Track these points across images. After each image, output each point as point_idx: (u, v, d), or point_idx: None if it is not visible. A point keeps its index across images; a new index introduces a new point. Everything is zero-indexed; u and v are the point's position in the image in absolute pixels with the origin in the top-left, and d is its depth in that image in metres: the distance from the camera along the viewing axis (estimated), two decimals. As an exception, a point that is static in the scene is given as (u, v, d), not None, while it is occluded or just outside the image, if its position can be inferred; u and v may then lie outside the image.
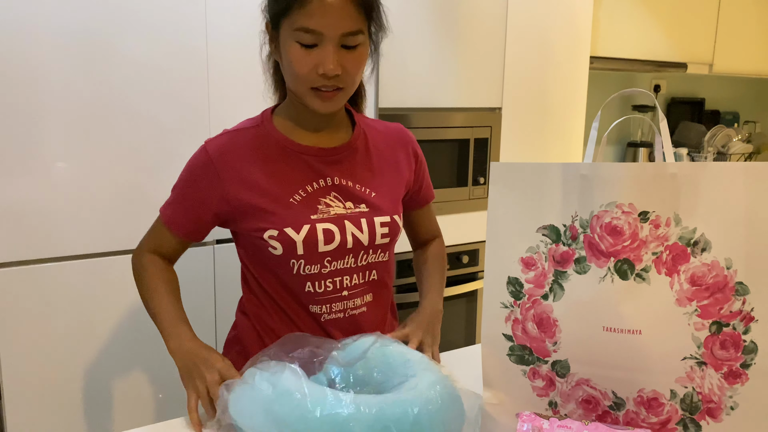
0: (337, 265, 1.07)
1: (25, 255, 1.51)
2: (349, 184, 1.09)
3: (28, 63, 1.45)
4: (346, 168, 1.09)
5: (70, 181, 1.53)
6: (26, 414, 1.55)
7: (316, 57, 0.97)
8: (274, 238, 1.03)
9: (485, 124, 2.20)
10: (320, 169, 1.07)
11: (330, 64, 0.96)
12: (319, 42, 0.96)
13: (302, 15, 0.95)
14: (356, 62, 1.00)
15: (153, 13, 1.56)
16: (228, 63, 1.67)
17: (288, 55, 0.98)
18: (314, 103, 1.02)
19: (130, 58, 1.55)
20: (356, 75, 1.02)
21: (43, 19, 1.45)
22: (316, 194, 1.06)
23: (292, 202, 1.05)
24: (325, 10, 0.94)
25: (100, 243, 1.58)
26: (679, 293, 0.81)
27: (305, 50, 0.97)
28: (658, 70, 2.96)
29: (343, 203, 1.08)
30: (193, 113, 1.65)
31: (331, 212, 1.06)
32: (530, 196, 0.87)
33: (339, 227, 1.06)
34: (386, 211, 1.11)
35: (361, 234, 1.08)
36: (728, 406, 0.82)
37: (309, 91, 1.00)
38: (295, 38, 0.96)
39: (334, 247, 1.06)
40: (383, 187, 1.13)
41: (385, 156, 1.15)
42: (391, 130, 1.19)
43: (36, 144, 1.48)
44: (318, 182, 1.07)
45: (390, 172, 1.15)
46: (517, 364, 0.90)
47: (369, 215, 1.09)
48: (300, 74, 0.98)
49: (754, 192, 0.79)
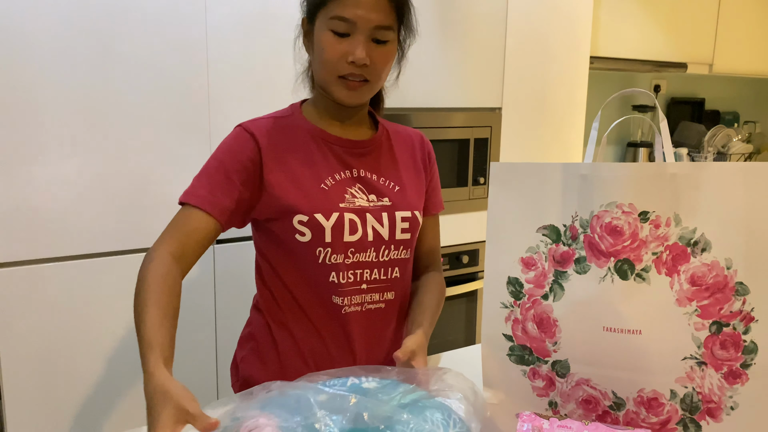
0: (359, 257, 1.09)
1: (25, 255, 1.51)
2: (373, 178, 1.12)
3: (27, 63, 1.45)
4: (371, 161, 1.13)
5: (70, 181, 1.52)
6: (26, 414, 1.55)
7: (346, 46, 1.01)
8: (303, 224, 1.05)
9: (485, 124, 2.20)
10: (347, 160, 1.11)
11: (360, 52, 1.00)
12: (351, 32, 1.01)
13: (338, 5, 1.00)
14: (384, 57, 1.05)
15: (153, 12, 1.56)
16: (228, 62, 1.67)
17: (320, 43, 1.03)
18: (340, 93, 1.05)
19: (129, 57, 1.55)
20: (383, 70, 1.06)
21: (43, 19, 1.45)
22: (343, 183, 1.09)
23: (323, 188, 1.07)
24: (360, 2, 1.00)
25: (100, 243, 1.58)
26: (679, 293, 0.81)
27: (337, 39, 1.01)
28: (658, 70, 2.96)
29: (366, 195, 1.10)
30: (193, 113, 1.65)
31: (356, 203, 1.09)
32: (530, 196, 0.87)
33: (361, 219, 1.08)
34: (408, 206, 1.13)
35: (382, 228, 1.10)
36: (728, 406, 0.82)
37: (336, 80, 1.04)
38: (329, 26, 1.01)
39: (357, 239, 1.08)
40: (406, 182, 1.16)
41: (406, 157, 1.19)
42: (411, 135, 1.22)
43: (36, 144, 1.48)
44: (344, 172, 1.10)
45: (412, 171, 1.19)
46: (517, 364, 0.90)
47: (390, 209, 1.11)
48: (329, 61, 1.02)
49: (754, 192, 0.79)
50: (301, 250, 1.07)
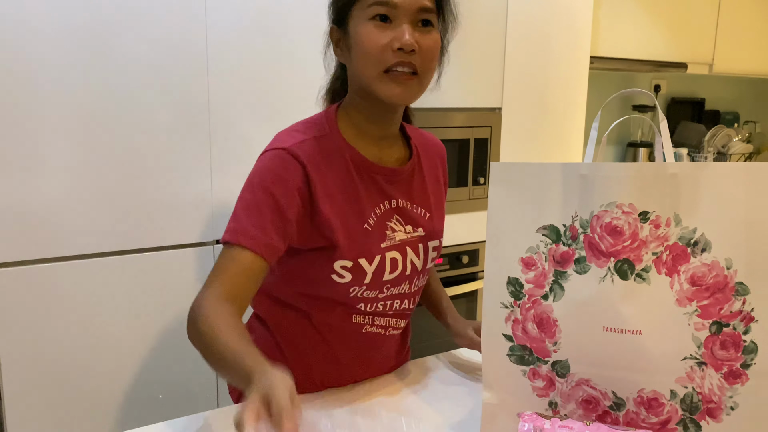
0: (394, 291, 1.06)
1: (25, 255, 1.51)
2: (407, 206, 1.06)
3: (27, 63, 1.45)
4: (406, 189, 1.06)
5: (70, 181, 1.52)
6: (26, 414, 1.55)
7: (391, 33, 0.93)
8: (345, 269, 0.98)
9: (485, 124, 2.20)
10: (387, 190, 1.03)
11: (407, 36, 0.92)
12: (393, 17, 0.92)
13: None
14: (431, 46, 0.96)
15: (153, 12, 1.56)
16: (228, 63, 1.67)
17: (359, 36, 0.94)
18: (387, 89, 0.95)
19: (129, 57, 1.55)
20: (431, 60, 0.97)
21: (43, 19, 1.45)
22: (383, 218, 1.03)
23: (366, 228, 1.00)
24: None
25: (99, 243, 1.58)
26: (679, 293, 0.81)
27: (379, 28, 0.93)
28: (658, 70, 2.96)
29: (404, 227, 1.05)
30: (193, 113, 1.65)
31: (396, 238, 1.03)
32: (530, 196, 0.87)
33: (402, 254, 1.04)
34: (437, 234, 1.11)
35: (418, 260, 1.07)
36: (728, 406, 0.82)
37: (381, 76, 0.94)
38: (369, 15, 0.93)
39: (396, 276, 1.04)
40: (435, 207, 1.11)
41: (432, 171, 1.13)
42: (431, 144, 1.16)
43: (35, 144, 1.48)
44: (384, 204, 1.03)
45: (437, 189, 1.13)
46: (517, 365, 0.90)
47: (424, 240, 1.08)
48: (373, 54, 0.93)
49: (754, 192, 0.79)
50: (332, 286, 1.00)
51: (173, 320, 1.70)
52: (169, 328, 1.70)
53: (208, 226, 1.71)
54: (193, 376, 1.75)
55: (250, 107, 1.71)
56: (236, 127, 1.71)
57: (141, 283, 1.64)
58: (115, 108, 1.55)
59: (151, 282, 1.66)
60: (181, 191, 1.66)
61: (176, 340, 1.71)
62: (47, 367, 1.56)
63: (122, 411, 1.67)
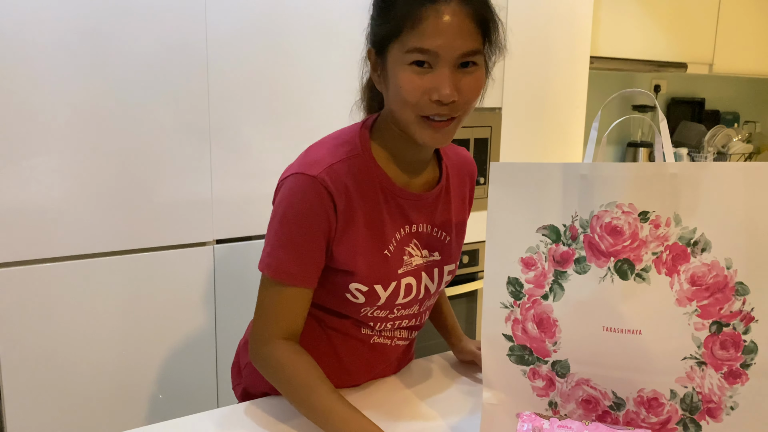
0: (404, 312, 1.07)
1: (25, 255, 1.51)
2: (427, 230, 1.04)
3: (27, 63, 1.45)
4: (429, 213, 1.04)
5: (70, 181, 1.52)
6: (26, 414, 1.55)
7: (429, 81, 0.88)
8: (360, 292, 0.99)
9: (485, 124, 2.20)
10: (409, 215, 1.02)
11: (446, 88, 0.87)
12: (433, 64, 0.87)
13: (415, 35, 0.86)
14: (473, 87, 0.91)
15: (153, 12, 1.56)
16: (228, 62, 1.67)
17: (396, 80, 0.89)
18: (423, 135, 0.91)
19: (129, 58, 1.55)
20: (473, 102, 0.92)
21: (42, 19, 1.45)
22: (402, 243, 1.01)
23: (386, 255, 0.99)
24: (441, 29, 0.85)
25: (100, 243, 1.58)
26: (679, 293, 0.81)
27: (417, 74, 0.88)
28: (658, 70, 2.96)
29: (420, 251, 1.04)
30: (193, 113, 1.65)
31: (413, 263, 1.02)
32: (530, 196, 0.87)
33: (417, 279, 1.04)
34: (454, 258, 1.10)
35: (432, 284, 1.07)
36: (728, 406, 0.82)
37: (419, 120, 0.90)
38: (407, 60, 0.87)
39: (409, 299, 1.04)
40: (457, 230, 1.10)
41: (458, 190, 1.11)
42: (462, 161, 1.13)
43: (35, 144, 1.48)
44: (405, 228, 1.02)
45: (462, 209, 1.11)
46: (517, 364, 0.90)
47: (440, 264, 1.07)
48: (410, 101, 0.88)
49: (754, 192, 0.79)
50: (346, 303, 1.02)
51: (173, 320, 1.70)
52: (169, 328, 1.70)
53: (208, 226, 1.71)
54: (193, 376, 1.75)
55: (250, 107, 1.71)
56: (236, 127, 1.71)
57: (141, 283, 1.64)
58: (115, 108, 1.55)
59: (151, 282, 1.66)
60: (181, 191, 1.66)
61: (176, 340, 1.71)
62: (47, 367, 1.56)
63: (122, 411, 1.67)
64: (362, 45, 0.99)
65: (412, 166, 1.01)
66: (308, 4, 1.75)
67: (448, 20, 0.85)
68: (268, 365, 0.97)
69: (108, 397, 1.64)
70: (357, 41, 1.03)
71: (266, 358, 0.97)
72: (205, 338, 1.75)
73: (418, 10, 0.85)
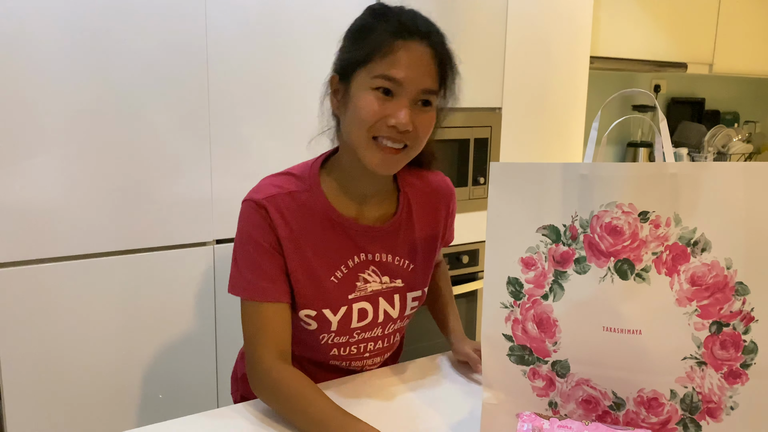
0: (365, 335, 1.10)
1: (25, 255, 1.51)
2: (388, 259, 1.08)
3: (26, 63, 1.45)
4: (388, 243, 1.07)
5: (69, 181, 1.52)
6: (26, 414, 1.55)
7: (389, 108, 0.94)
8: (310, 317, 1.04)
9: (485, 124, 2.20)
10: (363, 244, 1.05)
11: (405, 117, 0.93)
12: (396, 93, 0.94)
13: (384, 64, 0.93)
14: (426, 124, 0.97)
15: (153, 12, 1.56)
16: (228, 62, 1.67)
17: (358, 101, 0.95)
18: (373, 158, 0.96)
19: (129, 58, 1.55)
20: (424, 137, 0.99)
21: (42, 19, 1.45)
22: (356, 270, 1.05)
23: (333, 281, 1.03)
24: (409, 63, 0.93)
25: (100, 243, 1.58)
26: (679, 293, 0.81)
27: (379, 99, 0.94)
28: (658, 70, 2.96)
29: (380, 278, 1.07)
30: (193, 113, 1.65)
31: (368, 289, 1.06)
32: (530, 196, 0.87)
33: (373, 305, 1.07)
34: (419, 285, 1.13)
35: (393, 310, 1.10)
36: (728, 406, 0.82)
37: (370, 142, 0.95)
38: (372, 85, 0.94)
39: (366, 323, 1.08)
40: (421, 258, 1.12)
41: (426, 219, 1.13)
42: (434, 187, 1.16)
43: (35, 144, 1.48)
44: (359, 256, 1.05)
45: (429, 238, 1.13)
46: (517, 365, 0.90)
47: (403, 291, 1.10)
48: (367, 121, 0.94)
49: (754, 192, 0.79)
50: (304, 332, 1.07)
51: (173, 320, 1.70)
52: (169, 328, 1.70)
53: (208, 226, 1.71)
54: (193, 376, 1.75)
55: (250, 107, 1.71)
56: (236, 127, 1.71)
57: (141, 283, 1.64)
58: (115, 108, 1.55)
59: (151, 282, 1.66)
60: (181, 191, 1.66)
61: (176, 340, 1.71)
62: (47, 367, 1.56)
63: (122, 411, 1.67)
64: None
65: (365, 198, 1.05)
66: (309, 4, 1.75)
67: (417, 57, 0.93)
68: (264, 385, 0.99)
69: (108, 396, 1.64)
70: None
71: (264, 376, 0.99)
72: (205, 338, 1.75)
73: (392, 42, 0.93)
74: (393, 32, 0.93)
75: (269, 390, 0.98)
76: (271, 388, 0.98)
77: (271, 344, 1.00)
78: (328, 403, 0.93)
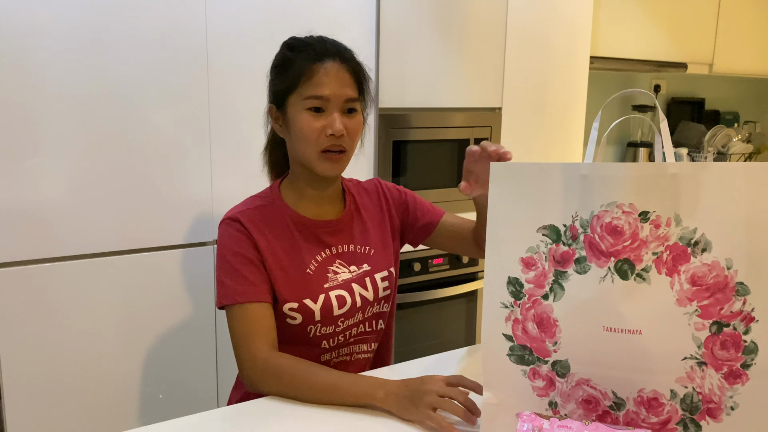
0: (348, 322, 1.19)
1: (25, 255, 1.51)
2: (350, 249, 1.21)
3: (27, 63, 1.45)
4: (346, 234, 1.22)
5: (70, 181, 1.53)
6: (26, 414, 1.55)
7: (324, 121, 1.11)
8: (294, 310, 1.13)
9: (485, 124, 2.20)
10: (326, 240, 1.19)
11: (338, 124, 1.10)
12: (325, 108, 1.11)
13: (311, 86, 1.10)
14: (356, 127, 1.15)
15: (153, 13, 1.56)
16: (228, 62, 1.67)
17: (298, 123, 1.11)
18: (323, 167, 1.13)
19: (129, 57, 1.55)
20: (356, 139, 1.16)
21: (43, 19, 1.45)
22: (324, 264, 1.18)
23: (308, 273, 1.15)
24: (330, 80, 1.10)
25: (100, 243, 1.58)
26: (679, 293, 0.81)
27: (314, 117, 1.10)
28: (658, 70, 2.96)
29: (347, 268, 1.20)
30: (193, 113, 1.65)
31: (339, 279, 1.18)
32: (530, 196, 0.87)
33: (348, 291, 1.18)
34: (384, 266, 1.24)
35: (367, 292, 1.20)
36: (728, 406, 0.82)
37: (319, 156, 1.12)
38: (306, 106, 1.10)
39: (347, 309, 1.17)
40: (378, 242, 1.25)
41: (372, 213, 1.27)
42: (370, 188, 1.30)
43: (36, 144, 1.48)
44: (325, 251, 1.19)
45: (380, 227, 1.27)
46: (517, 364, 0.90)
47: (371, 273, 1.22)
48: (311, 138, 1.11)
49: (754, 192, 0.79)
50: (291, 330, 1.15)
51: (173, 320, 1.70)
52: (169, 328, 1.70)
53: (208, 226, 1.71)
54: (193, 376, 1.75)
55: (250, 107, 1.71)
56: (236, 126, 1.71)
57: (141, 283, 1.65)
58: (115, 108, 1.55)
59: (151, 282, 1.66)
60: (181, 191, 1.66)
61: (176, 340, 1.71)
62: (47, 367, 1.56)
63: (122, 411, 1.67)
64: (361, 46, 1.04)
65: (321, 200, 1.20)
66: (309, 3, 1.75)
67: (335, 74, 1.11)
68: (270, 373, 1.05)
69: (108, 396, 1.65)
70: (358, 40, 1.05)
71: (265, 365, 1.06)
72: (205, 338, 1.75)
73: (311, 66, 1.10)
74: (310, 58, 1.10)
75: (272, 376, 1.05)
76: (274, 372, 1.05)
77: (263, 337, 1.08)
78: (333, 371, 1.04)
